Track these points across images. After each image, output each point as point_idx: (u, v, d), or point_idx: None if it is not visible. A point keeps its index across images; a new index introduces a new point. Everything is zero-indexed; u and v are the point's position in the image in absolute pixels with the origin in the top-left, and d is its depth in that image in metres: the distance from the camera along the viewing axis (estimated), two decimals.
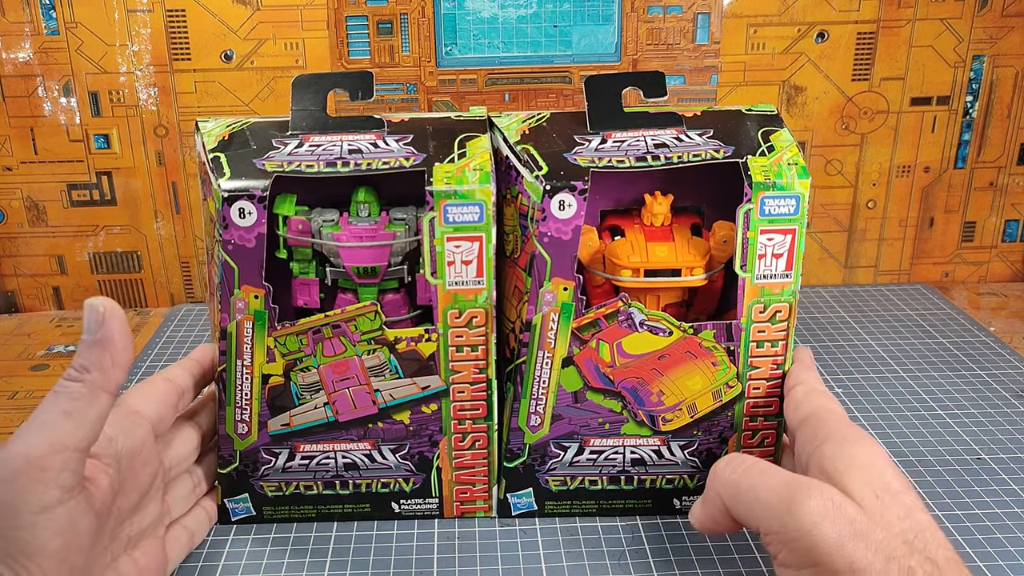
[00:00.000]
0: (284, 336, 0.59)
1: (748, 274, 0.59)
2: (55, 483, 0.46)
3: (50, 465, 0.46)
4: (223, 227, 0.56)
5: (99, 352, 0.48)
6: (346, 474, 0.62)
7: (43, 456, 0.46)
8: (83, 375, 0.47)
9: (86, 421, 0.47)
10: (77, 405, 0.47)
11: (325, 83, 0.62)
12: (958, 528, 0.63)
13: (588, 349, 0.60)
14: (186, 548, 0.60)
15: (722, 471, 0.53)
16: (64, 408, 0.47)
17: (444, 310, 0.58)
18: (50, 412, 0.47)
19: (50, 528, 0.46)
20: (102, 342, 0.48)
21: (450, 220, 0.57)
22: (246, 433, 0.61)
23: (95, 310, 0.48)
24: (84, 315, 0.48)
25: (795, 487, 0.49)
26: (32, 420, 0.47)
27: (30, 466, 0.45)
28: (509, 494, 0.64)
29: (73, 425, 0.47)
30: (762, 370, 0.61)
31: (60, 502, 0.46)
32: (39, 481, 0.45)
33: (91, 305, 0.48)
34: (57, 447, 0.46)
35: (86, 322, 0.48)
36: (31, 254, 1.01)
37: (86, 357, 0.48)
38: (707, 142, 0.60)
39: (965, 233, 1.06)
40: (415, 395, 0.60)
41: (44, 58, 0.93)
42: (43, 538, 0.46)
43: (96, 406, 0.48)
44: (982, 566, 0.59)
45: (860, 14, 0.96)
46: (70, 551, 0.47)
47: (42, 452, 0.46)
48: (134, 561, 0.54)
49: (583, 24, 0.94)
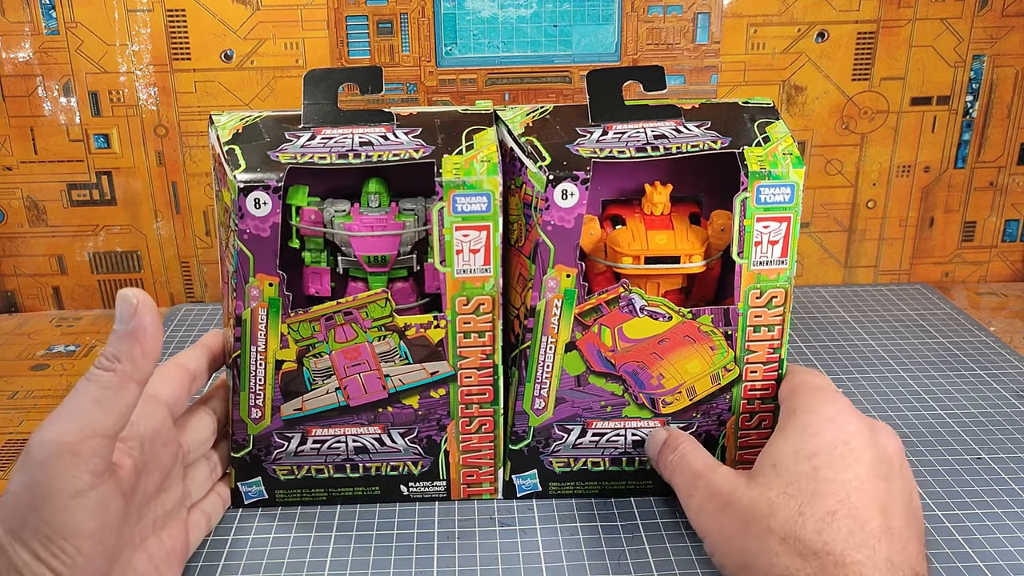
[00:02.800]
0: (297, 323, 0.63)
1: (745, 261, 0.64)
2: (86, 468, 0.48)
3: (81, 451, 0.48)
4: (239, 217, 0.61)
5: (130, 343, 0.51)
6: (356, 458, 0.67)
7: (75, 442, 0.48)
8: (114, 364, 0.50)
9: (116, 409, 0.50)
10: (107, 394, 0.50)
11: (336, 78, 0.66)
12: (958, 528, 0.65)
13: (590, 334, 0.65)
14: (204, 532, 0.64)
15: None
16: (95, 396, 0.50)
17: (452, 297, 0.63)
18: (81, 399, 0.50)
19: (83, 511, 0.48)
20: (134, 333, 0.51)
21: (459, 210, 0.61)
22: (259, 418, 0.65)
23: (128, 302, 0.51)
24: (117, 306, 0.51)
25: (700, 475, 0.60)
26: (63, 407, 0.50)
27: (62, 451, 0.48)
28: (514, 476, 0.69)
29: (103, 413, 0.49)
30: (759, 354, 0.66)
31: (92, 487, 0.49)
32: (71, 466, 0.48)
33: (125, 296, 0.51)
34: (88, 434, 0.49)
35: (119, 313, 0.51)
36: (31, 254, 1.04)
37: (117, 347, 0.51)
38: (705, 133, 0.65)
39: (965, 233, 1.09)
40: (424, 380, 0.65)
41: (44, 58, 0.96)
42: (77, 520, 0.48)
43: (126, 395, 0.50)
44: (982, 566, 0.61)
45: (860, 14, 0.99)
46: (104, 532, 0.50)
47: (74, 439, 0.48)
48: (161, 542, 0.58)
49: (583, 24, 0.98)
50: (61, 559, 0.48)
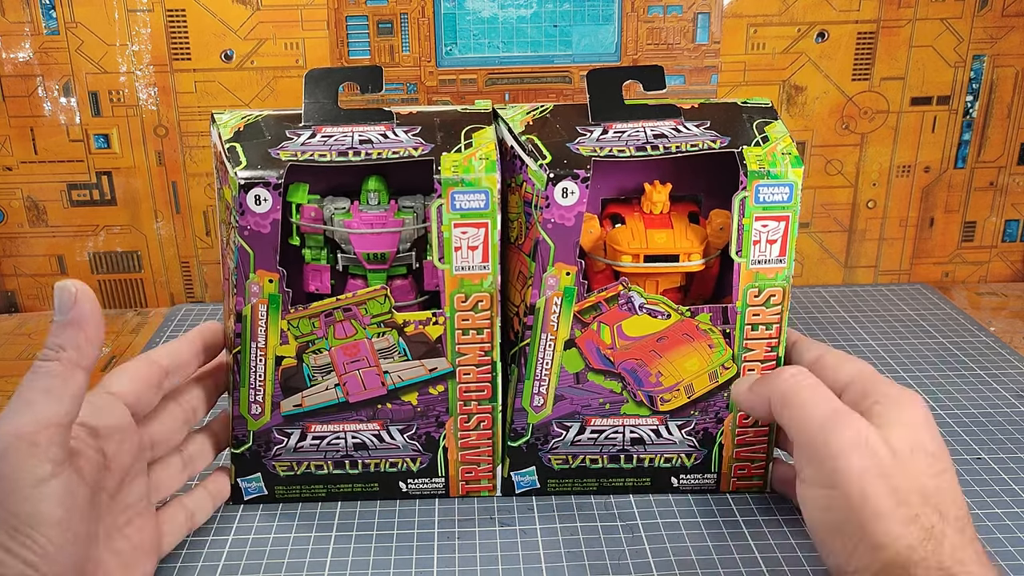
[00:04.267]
0: (297, 319, 0.64)
1: (743, 259, 0.64)
2: (46, 457, 0.49)
3: (39, 441, 0.49)
4: (239, 213, 0.62)
5: (73, 331, 0.51)
6: (355, 454, 0.68)
7: (31, 433, 0.49)
8: (59, 353, 0.51)
9: (65, 397, 0.51)
10: (55, 382, 0.50)
11: (337, 77, 0.67)
12: None
13: (589, 331, 0.66)
14: (184, 527, 0.64)
15: (786, 379, 0.60)
16: (43, 386, 0.50)
17: (451, 294, 0.64)
18: (31, 391, 0.50)
19: (48, 500, 0.49)
20: (75, 322, 0.51)
21: (457, 207, 0.62)
22: (259, 414, 0.66)
23: (67, 291, 0.51)
24: (56, 297, 0.52)
25: (840, 415, 0.56)
26: (15, 400, 0.50)
27: (20, 442, 0.49)
28: (513, 472, 0.70)
29: (55, 401, 0.50)
30: (757, 352, 0.66)
31: (53, 475, 0.50)
32: (31, 456, 0.49)
33: (62, 287, 0.51)
34: (43, 423, 0.49)
35: (58, 303, 0.51)
36: (31, 254, 1.05)
37: (60, 337, 0.51)
38: (704, 133, 0.66)
39: (965, 233, 1.10)
40: (423, 377, 0.66)
41: (44, 58, 0.97)
42: (42, 510, 0.49)
43: (73, 382, 0.51)
44: None
45: (860, 14, 1.00)
46: (72, 519, 0.51)
47: (29, 429, 0.49)
48: (127, 538, 0.58)
49: (583, 24, 0.99)
50: (32, 548, 0.49)
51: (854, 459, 0.53)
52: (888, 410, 0.57)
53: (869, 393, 0.59)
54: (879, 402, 0.57)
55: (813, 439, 0.55)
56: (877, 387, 0.59)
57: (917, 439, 0.55)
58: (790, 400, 0.58)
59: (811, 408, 0.57)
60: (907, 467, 0.53)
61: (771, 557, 0.63)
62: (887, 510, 0.52)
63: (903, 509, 0.52)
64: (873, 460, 0.53)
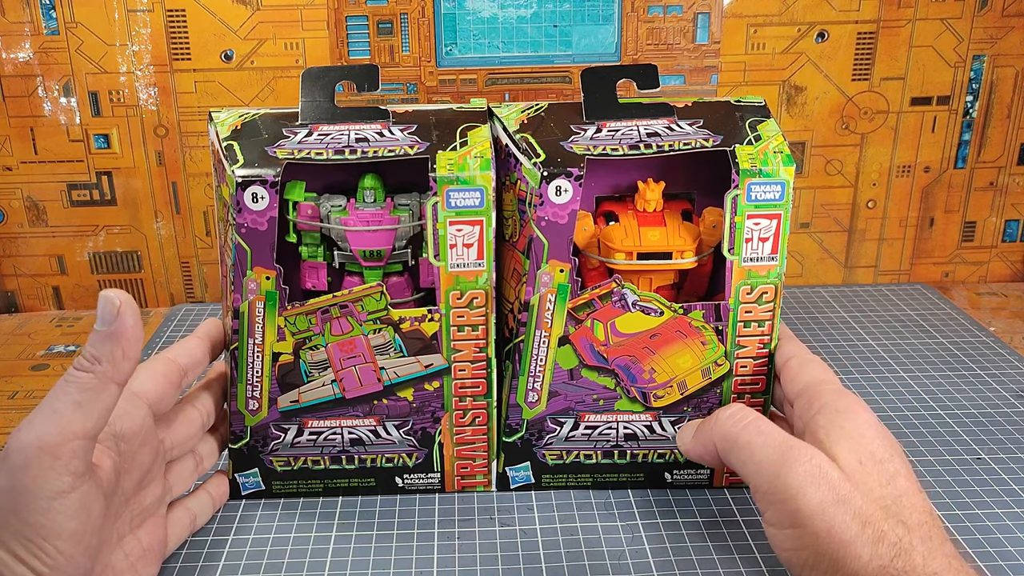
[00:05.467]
0: (294, 316, 0.66)
1: (736, 257, 0.66)
2: (67, 470, 0.49)
3: (62, 453, 0.49)
4: (237, 211, 0.63)
5: (112, 344, 0.51)
6: (352, 449, 0.69)
7: (55, 445, 0.49)
8: (95, 366, 0.51)
9: (96, 411, 0.51)
10: (88, 395, 0.50)
11: (333, 75, 0.69)
12: (958, 528, 0.66)
13: (583, 328, 0.67)
14: (187, 530, 0.65)
15: (724, 421, 0.60)
16: (75, 398, 0.50)
17: (446, 291, 0.65)
18: (61, 401, 0.50)
19: (64, 513, 0.49)
20: (116, 334, 0.51)
21: (452, 205, 0.64)
22: (257, 409, 0.68)
23: (111, 302, 0.51)
24: (99, 306, 0.51)
25: (786, 451, 0.56)
26: (43, 408, 0.50)
27: (43, 454, 0.49)
28: (508, 468, 0.71)
29: (84, 415, 0.50)
30: (749, 349, 0.68)
31: (73, 487, 0.50)
32: (52, 468, 0.49)
33: (107, 297, 0.51)
34: (68, 436, 0.49)
35: (101, 313, 0.51)
36: (31, 254, 1.06)
37: (99, 348, 0.51)
38: (697, 131, 0.67)
39: (965, 233, 1.11)
40: (418, 373, 0.67)
41: (44, 58, 0.98)
42: (58, 521, 0.49)
43: (106, 397, 0.51)
44: (982, 566, 0.62)
45: (860, 14, 1.01)
46: (85, 532, 0.51)
47: (54, 441, 0.49)
48: (139, 540, 0.59)
49: (583, 24, 1.00)
50: (42, 559, 0.49)
51: (811, 493, 0.53)
52: (831, 421, 0.57)
53: (814, 402, 0.60)
54: (820, 413, 0.58)
55: (768, 481, 0.56)
56: (821, 397, 0.60)
57: (864, 448, 0.56)
58: (735, 443, 0.59)
59: (758, 449, 0.57)
60: (861, 484, 0.54)
61: (771, 557, 0.64)
62: (852, 536, 0.52)
63: (868, 530, 0.52)
64: (829, 489, 0.53)
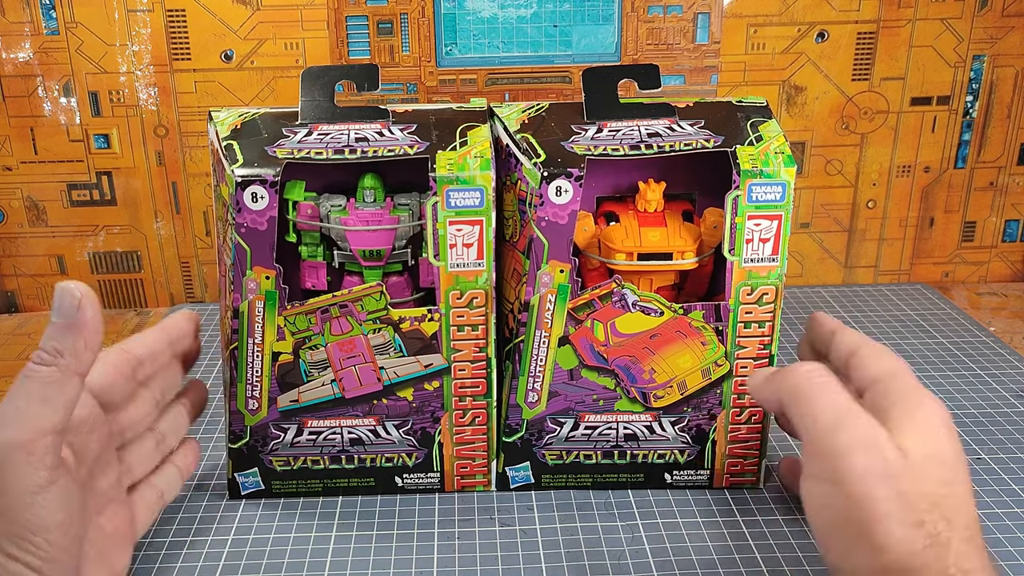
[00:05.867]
0: (294, 315, 0.66)
1: (736, 258, 0.66)
2: (42, 464, 0.49)
3: (35, 449, 0.49)
4: (236, 211, 0.63)
5: (74, 336, 0.51)
6: (352, 449, 0.69)
7: (28, 441, 0.49)
8: (57, 359, 0.50)
9: (61, 404, 0.50)
10: (52, 389, 0.50)
11: (333, 75, 0.69)
12: None
13: (583, 328, 0.67)
14: (155, 506, 0.64)
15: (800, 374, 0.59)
16: (41, 393, 0.50)
17: (446, 291, 0.65)
18: (25, 398, 0.50)
19: (48, 506, 0.50)
20: (77, 326, 0.51)
21: (452, 205, 0.64)
22: (256, 409, 0.68)
23: (71, 294, 0.50)
24: (57, 298, 0.51)
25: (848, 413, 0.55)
26: (8, 406, 0.50)
27: (17, 452, 0.49)
28: (508, 468, 0.71)
29: (51, 409, 0.50)
30: (749, 349, 0.68)
31: (50, 481, 0.50)
32: (28, 464, 0.49)
33: (66, 289, 0.51)
34: (39, 432, 0.49)
35: (59, 305, 0.51)
36: (31, 254, 1.06)
37: (60, 341, 0.50)
38: (698, 132, 0.67)
39: (965, 233, 1.11)
40: (418, 373, 0.67)
41: (44, 58, 0.98)
42: (43, 515, 0.50)
43: (69, 389, 0.51)
44: None
45: (860, 14, 1.01)
46: (72, 523, 0.51)
47: (27, 437, 0.49)
48: (101, 527, 0.58)
49: (583, 24, 1.00)
50: (35, 554, 0.49)
51: (859, 458, 0.53)
52: (904, 414, 0.56)
53: (889, 394, 0.58)
54: (896, 404, 0.57)
55: (821, 436, 0.55)
56: (900, 389, 0.58)
57: (934, 447, 0.54)
58: (801, 397, 0.58)
59: (821, 406, 0.56)
60: (917, 473, 0.52)
61: (770, 557, 0.64)
62: (890, 512, 0.51)
63: (908, 513, 0.51)
64: (879, 461, 0.52)
